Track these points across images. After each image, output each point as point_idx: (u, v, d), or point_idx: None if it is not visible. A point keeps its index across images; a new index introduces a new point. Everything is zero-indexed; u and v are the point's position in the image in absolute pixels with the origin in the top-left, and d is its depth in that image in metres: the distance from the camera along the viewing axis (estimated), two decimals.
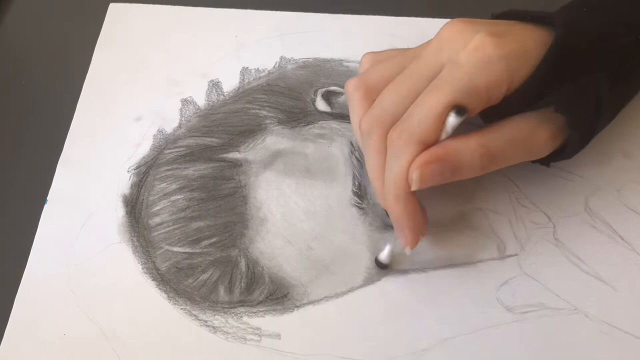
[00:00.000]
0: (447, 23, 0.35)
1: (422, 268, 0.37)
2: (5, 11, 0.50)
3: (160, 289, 0.37)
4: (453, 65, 0.33)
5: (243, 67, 0.45)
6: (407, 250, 0.35)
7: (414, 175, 0.33)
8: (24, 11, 0.50)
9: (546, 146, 0.35)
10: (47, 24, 0.49)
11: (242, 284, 0.37)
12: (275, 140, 0.42)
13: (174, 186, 0.40)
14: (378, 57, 0.38)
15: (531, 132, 0.34)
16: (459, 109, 0.32)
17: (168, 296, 0.37)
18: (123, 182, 0.41)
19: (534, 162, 0.37)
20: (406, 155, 0.33)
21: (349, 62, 0.46)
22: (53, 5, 0.50)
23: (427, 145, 0.33)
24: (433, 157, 0.33)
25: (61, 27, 0.49)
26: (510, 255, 0.37)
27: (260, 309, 0.36)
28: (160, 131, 0.43)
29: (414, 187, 0.33)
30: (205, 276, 0.37)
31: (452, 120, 0.32)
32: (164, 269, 0.37)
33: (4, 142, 0.43)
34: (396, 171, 0.33)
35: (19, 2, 0.50)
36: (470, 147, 0.33)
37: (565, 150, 0.36)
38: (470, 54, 0.33)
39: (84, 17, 0.49)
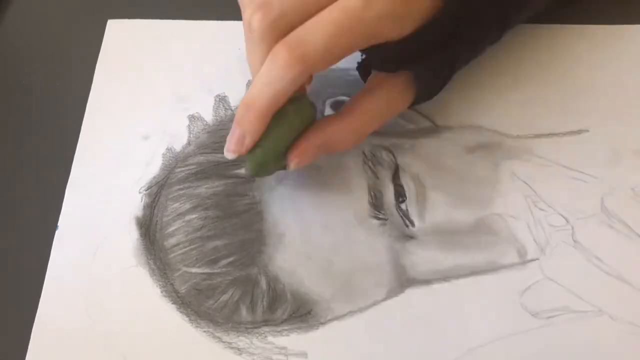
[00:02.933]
0: None
1: (445, 277, 0.37)
2: (2, 16, 0.49)
3: (181, 312, 0.36)
4: None
5: (249, 80, 0.45)
6: (229, 155, 0.34)
7: (292, 164, 0.35)
8: (22, 18, 0.49)
9: (403, 102, 0.38)
10: (43, 36, 0.48)
11: (264, 303, 0.36)
12: None
13: (187, 205, 0.40)
14: None
15: (389, 97, 0.37)
16: None
17: (189, 319, 0.36)
18: (135, 204, 0.40)
19: None
20: (288, 78, 0.32)
21: (355, 71, 0.45)
22: (53, 13, 0.49)
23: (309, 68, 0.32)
24: (311, 147, 0.35)
25: (59, 42, 0.48)
26: (532, 260, 0.37)
27: (284, 328, 0.36)
28: (169, 149, 0.42)
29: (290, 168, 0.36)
30: (226, 297, 0.36)
31: None
32: (183, 291, 0.37)
33: (6, 166, 0.42)
34: (269, 92, 0.32)
35: (17, 6, 0.49)
36: (344, 134, 0.36)
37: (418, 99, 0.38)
38: None
39: (82, 33, 0.48)
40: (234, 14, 0.48)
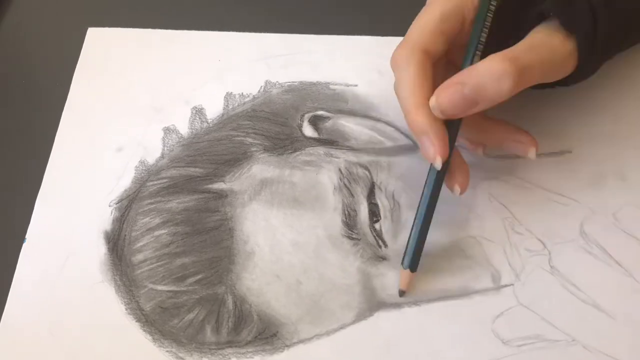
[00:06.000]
0: None
1: (415, 301, 0.36)
2: None
3: (145, 330, 0.36)
4: None
5: (227, 93, 0.44)
6: (438, 163, 0.34)
7: (431, 101, 0.33)
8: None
9: (568, 57, 0.34)
10: (21, 46, 0.48)
11: (230, 324, 0.35)
12: (261, 168, 0.41)
13: (157, 220, 0.39)
14: None
15: (552, 41, 0.33)
16: None
17: (153, 338, 0.35)
18: (104, 218, 0.39)
19: (555, 86, 0.37)
20: (411, 65, 0.34)
21: (335, 84, 0.44)
22: (37, 23, 0.49)
23: (429, 53, 0.35)
24: (450, 81, 0.33)
25: (38, 53, 0.47)
26: (506, 285, 0.36)
27: (249, 350, 0.35)
28: (142, 162, 0.41)
29: (435, 113, 0.34)
30: (191, 316, 0.36)
31: None
32: (148, 309, 0.36)
33: None
34: (406, 82, 0.34)
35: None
36: (492, 67, 0.32)
37: (581, 67, 0.35)
38: None
39: (62, 42, 0.47)
40: (214, 24, 0.47)
